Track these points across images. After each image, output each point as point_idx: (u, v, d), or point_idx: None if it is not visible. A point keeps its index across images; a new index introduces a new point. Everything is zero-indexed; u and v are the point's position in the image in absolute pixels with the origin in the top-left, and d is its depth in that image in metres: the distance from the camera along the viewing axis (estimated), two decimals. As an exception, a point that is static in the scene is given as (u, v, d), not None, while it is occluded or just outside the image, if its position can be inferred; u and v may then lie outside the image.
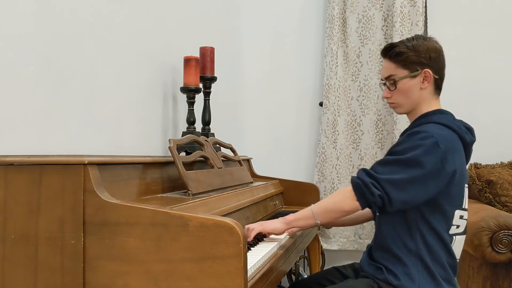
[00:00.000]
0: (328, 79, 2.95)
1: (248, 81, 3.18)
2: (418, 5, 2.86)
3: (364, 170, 1.34)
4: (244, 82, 3.14)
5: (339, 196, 1.37)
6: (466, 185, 1.43)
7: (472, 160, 2.74)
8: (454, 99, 2.92)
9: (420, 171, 1.29)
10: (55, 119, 1.32)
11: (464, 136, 1.40)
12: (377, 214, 1.47)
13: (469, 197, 2.70)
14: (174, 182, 1.39)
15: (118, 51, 1.63)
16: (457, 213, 1.39)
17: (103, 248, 0.95)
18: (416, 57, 1.42)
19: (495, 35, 2.92)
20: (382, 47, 1.53)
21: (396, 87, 1.45)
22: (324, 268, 2.46)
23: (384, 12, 2.95)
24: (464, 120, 1.47)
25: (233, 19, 2.98)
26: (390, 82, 1.46)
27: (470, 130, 1.46)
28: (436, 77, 1.44)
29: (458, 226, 1.41)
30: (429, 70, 1.42)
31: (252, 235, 1.39)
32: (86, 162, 0.96)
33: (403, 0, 2.86)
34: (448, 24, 2.96)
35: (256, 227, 1.42)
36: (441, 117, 1.41)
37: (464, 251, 2.35)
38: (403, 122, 2.81)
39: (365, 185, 1.30)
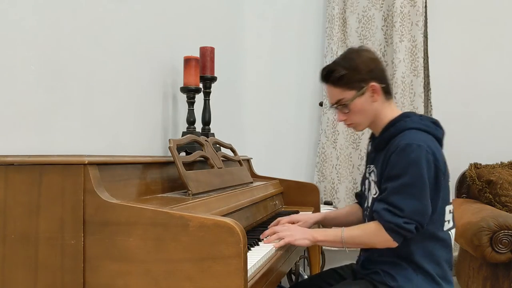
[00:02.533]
0: (328, 79, 2.95)
1: (248, 81, 3.18)
2: (418, 5, 2.86)
3: (386, 210, 1.31)
4: (244, 82, 3.14)
5: (373, 238, 1.34)
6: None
7: (472, 160, 2.76)
8: (454, 98, 2.93)
9: (428, 184, 1.30)
10: (55, 119, 1.31)
11: (436, 133, 1.40)
12: (366, 219, 1.46)
13: (469, 197, 2.72)
14: (174, 182, 1.39)
15: (118, 51, 1.62)
16: (447, 208, 1.39)
17: (103, 248, 0.95)
18: (358, 75, 1.40)
19: (495, 34, 2.92)
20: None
21: (349, 110, 1.44)
22: (324, 269, 2.46)
23: (384, 12, 2.95)
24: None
25: (233, 19, 2.98)
26: (341, 106, 1.44)
27: (437, 124, 1.44)
28: (383, 85, 1.43)
29: (449, 221, 1.41)
30: (374, 83, 1.41)
31: (280, 244, 1.34)
32: (86, 162, 0.96)
33: (403, 0, 2.86)
34: (448, 24, 2.96)
35: (287, 239, 1.36)
36: (411, 121, 1.39)
37: (464, 251, 2.35)
38: (403, 122, 2.81)
39: (399, 227, 1.29)
